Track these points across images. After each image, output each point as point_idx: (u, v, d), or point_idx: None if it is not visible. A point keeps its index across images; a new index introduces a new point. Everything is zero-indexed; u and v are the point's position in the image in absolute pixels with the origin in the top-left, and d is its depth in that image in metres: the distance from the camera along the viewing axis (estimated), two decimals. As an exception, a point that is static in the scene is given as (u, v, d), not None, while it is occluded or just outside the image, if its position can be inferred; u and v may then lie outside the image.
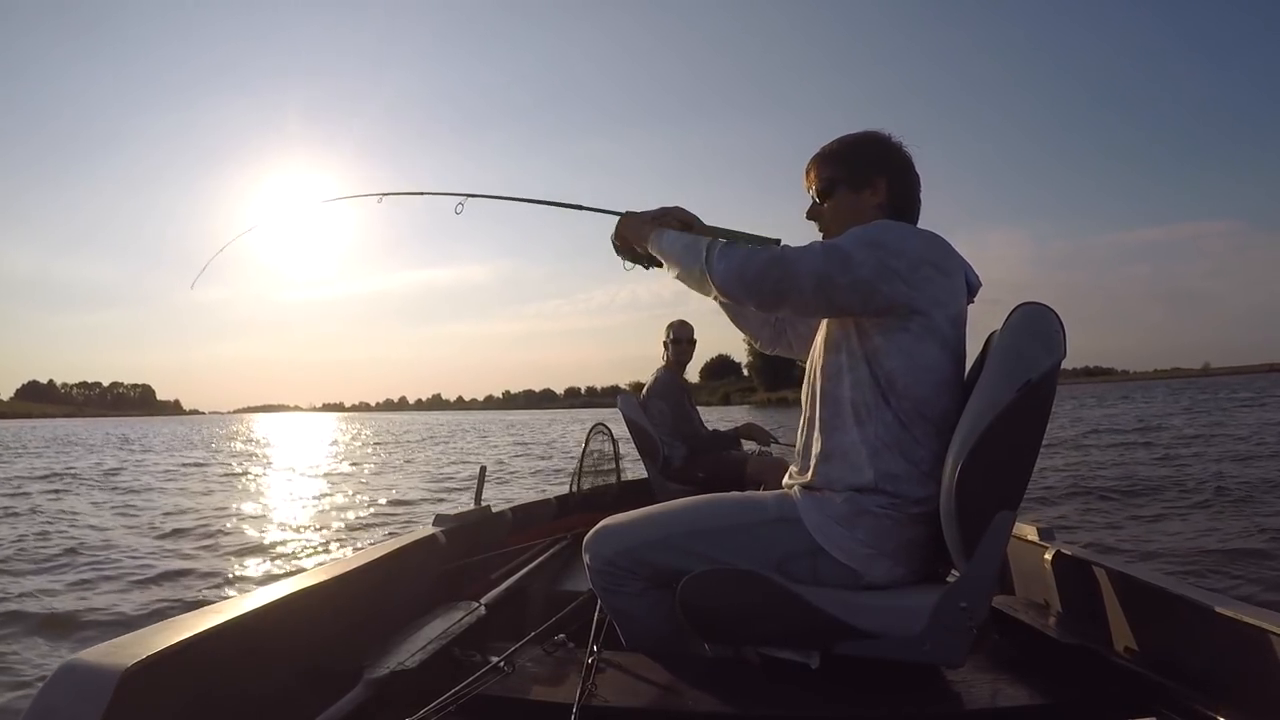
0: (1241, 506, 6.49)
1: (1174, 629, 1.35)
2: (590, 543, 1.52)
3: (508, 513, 2.53)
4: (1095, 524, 6.03)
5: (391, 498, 9.57)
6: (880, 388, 1.36)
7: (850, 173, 1.50)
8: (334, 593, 1.41)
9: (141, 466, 15.98)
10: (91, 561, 5.61)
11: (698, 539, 1.43)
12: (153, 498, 10.06)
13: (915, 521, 1.35)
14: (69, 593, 4.72)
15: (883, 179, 1.49)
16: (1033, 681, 1.36)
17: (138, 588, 4.87)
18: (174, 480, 12.86)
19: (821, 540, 1.35)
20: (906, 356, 1.35)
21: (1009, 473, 1.26)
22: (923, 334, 1.35)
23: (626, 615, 1.50)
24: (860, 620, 1.31)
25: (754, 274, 1.37)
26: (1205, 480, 7.91)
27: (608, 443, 3.78)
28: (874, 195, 1.49)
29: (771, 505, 1.43)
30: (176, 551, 6.13)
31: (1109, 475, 8.74)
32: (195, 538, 6.74)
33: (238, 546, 6.32)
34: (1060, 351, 1.26)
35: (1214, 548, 4.93)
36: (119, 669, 0.89)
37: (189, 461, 17.84)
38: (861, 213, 1.49)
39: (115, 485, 11.87)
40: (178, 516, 8.05)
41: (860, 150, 1.52)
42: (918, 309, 1.34)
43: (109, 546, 6.24)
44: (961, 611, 1.27)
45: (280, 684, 1.21)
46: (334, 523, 7.56)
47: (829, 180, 1.52)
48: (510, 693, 1.28)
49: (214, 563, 5.67)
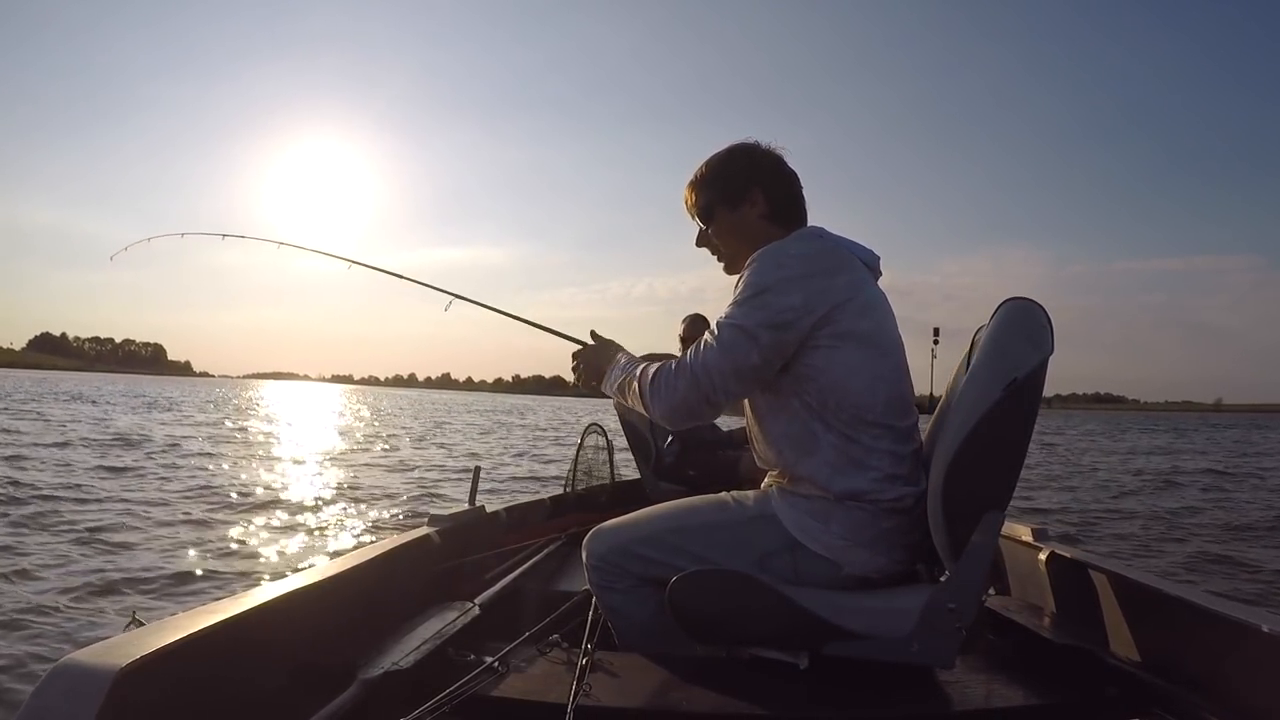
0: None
1: (1169, 630, 1.35)
2: (588, 541, 1.56)
3: (502, 513, 2.53)
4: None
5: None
6: (815, 414, 1.37)
7: (723, 192, 1.51)
8: (328, 592, 1.40)
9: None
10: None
11: (681, 536, 1.46)
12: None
13: (890, 514, 1.36)
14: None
15: (757, 188, 1.49)
16: (1027, 682, 1.36)
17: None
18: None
19: (799, 535, 1.38)
20: (824, 372, 1.36)
21: (996, 472, 1.26)
22: (834, 342, 1.35)
23: (619, 612, 1.52)
24: (847, 621, 1.31)
25: (682, 403, 1.38)
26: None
27: (602, 442, 3.78)
28: (753, 207, 1.50)
29: (751, 504, 1.46)
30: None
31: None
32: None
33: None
34: (1048, 347, 1.25)
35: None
36: (112, 670, 0.89)
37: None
38: (747, 227, 1.50)
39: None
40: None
41: (726, 167, 1.53)
42: (822, 324, 1.34)
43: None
44: (950, 613, 1.27)
45: (274, 684, 1.20)
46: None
47: (706, 205, 1.53)
48: (504, 693, 1.28)
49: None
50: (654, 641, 1.49)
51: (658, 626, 1.47)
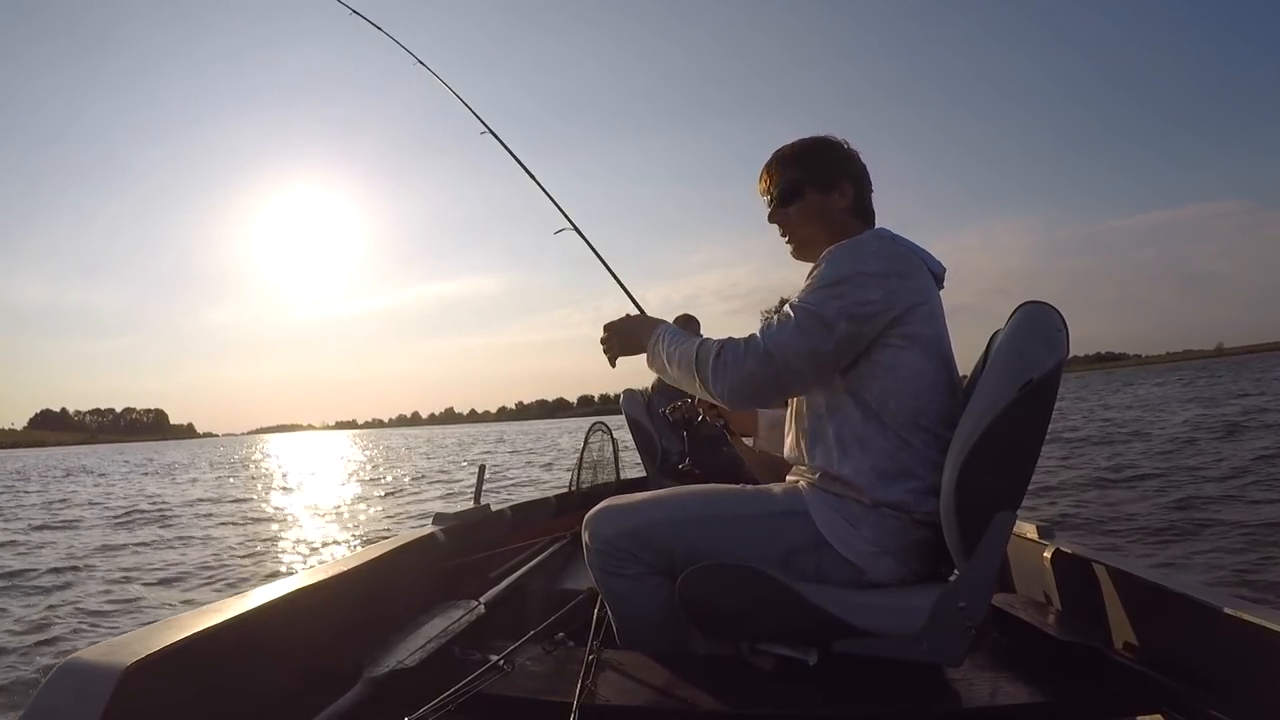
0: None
1: (1175, 627, 1.34)
2: (592, 521, 1.49)
3: (507, 511, 2.53)
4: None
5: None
6: (873, 414, 1.36)
7: (818, 175, 1.50)
8: (333, 591, 1.41)
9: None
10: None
11: (704, 525, 1.42)
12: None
13: (921, 525, 1.36)
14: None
15: (847, 180, 1.50)
16: (1033, 680, 1.35)
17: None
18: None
19: (827, 535, 1.36)
20: (890, 374, 1.35)
21: (1009, 473, 1.27)
22: (903, 344, 1.35)
23: (623, 599, 1.47)
24: (858, 618, 1.31)
25: (749, 380, 1.35)
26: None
27: (607, 441, 3.79)
28: (842, 198, 1.50)
29: (780, 498, 1.43)
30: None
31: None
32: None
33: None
34: (1063, 351, 1.26)
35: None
36: (119, 668, 0.89)
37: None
38: (833, 215, 1.50)
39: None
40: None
41: (825, 152, 1.52)
42: (895, 324, 1.35)
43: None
44: (960, 611, 1.27)
45: (280, 683, 1.21)
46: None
47: (795, 182, 1.51)
48: (510, 691, 1.28)
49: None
50: (658, 634, 1.46)
51: (661, 615, 1.45)
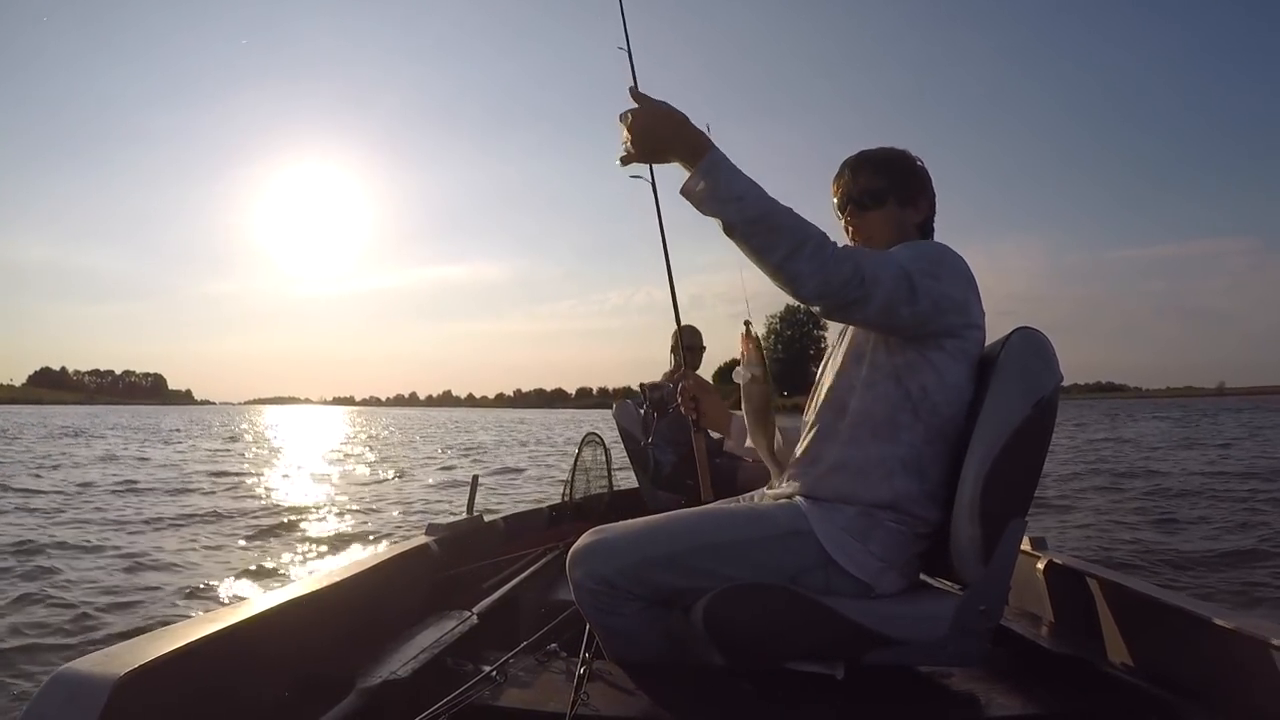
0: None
1: (1169, 640, 1.35)
2: (582, 557, 1.40)
3: (500, 522, 2.53)
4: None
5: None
6: (911, 403, 1.34)
7: (901, 187, 1.50)
8: (326, 602, 1.40)
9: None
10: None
11: (706, 555, 1.35)
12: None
13: (921, 538, 1.37)
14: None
15: (925, 200, 1.52)
16: (1027, 692, 1.36)
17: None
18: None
19: (833, 552, 1.32)
20: (936, 374, 1.35)
21: (1022, 482, 1.32)
22: (956, 354, 1.35)
23: (619, 634, 1.41)
24: (891, 629, 1.32)
25: (833, 282, 1.23)
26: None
27: (600, 452, 3.78)
28: (917, 214, 1.51)
29: (781, 518, 1.38)
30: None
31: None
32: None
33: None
34: (1059, 373, 1.33)
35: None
36: (111, 678, 0.89)
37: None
38: (905, 229, 1.49)
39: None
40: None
41: (909, 167, 1.52)
42: (959, 333, 1.35)
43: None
44: (981, 614, 1.31)
45: (272, 693, 1.20)
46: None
47: (881, 189, 1.48)
48: (502, 702, 1.27)
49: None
50: (651, 657, 1.41)
51: (658, 645, 1.41)
